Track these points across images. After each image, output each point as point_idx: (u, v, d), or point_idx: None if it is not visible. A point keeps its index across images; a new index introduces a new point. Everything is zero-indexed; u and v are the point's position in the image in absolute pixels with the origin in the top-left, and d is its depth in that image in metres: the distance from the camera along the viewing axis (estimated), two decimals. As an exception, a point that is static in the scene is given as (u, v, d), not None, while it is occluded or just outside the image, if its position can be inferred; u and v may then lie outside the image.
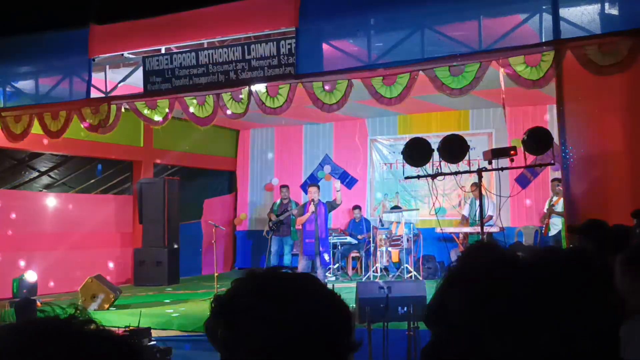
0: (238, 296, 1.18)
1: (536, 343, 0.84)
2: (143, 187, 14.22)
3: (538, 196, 14.13)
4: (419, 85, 8.64)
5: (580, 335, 0.85)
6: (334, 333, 1.16)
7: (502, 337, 0.86)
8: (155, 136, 14.36)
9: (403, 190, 15.30)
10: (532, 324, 0.85)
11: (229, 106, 9.62)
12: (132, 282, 13.97)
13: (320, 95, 8.88)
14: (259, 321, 1.12)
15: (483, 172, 8.43)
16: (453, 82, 8.07)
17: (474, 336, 0.89)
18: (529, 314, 0.85)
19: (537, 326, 0.84)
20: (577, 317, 0.85)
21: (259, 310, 1.14)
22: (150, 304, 10.97)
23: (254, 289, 1.18)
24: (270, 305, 1.13)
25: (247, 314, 1.14)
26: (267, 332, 1.11)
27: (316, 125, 16.23)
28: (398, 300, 8.22)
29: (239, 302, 1.16)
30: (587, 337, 0.85)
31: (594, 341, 0.85)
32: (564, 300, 0.86)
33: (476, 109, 14.68)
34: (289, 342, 1.11)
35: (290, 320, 1.12)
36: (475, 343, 0.88)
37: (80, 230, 13.42)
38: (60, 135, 10.63)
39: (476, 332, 0.88)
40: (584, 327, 0.85)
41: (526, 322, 0.85)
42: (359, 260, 14.56)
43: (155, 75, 9.76)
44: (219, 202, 16.95)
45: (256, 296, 1.16)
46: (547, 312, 0.85)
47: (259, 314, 1.13)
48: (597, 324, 0.86)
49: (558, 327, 0.84)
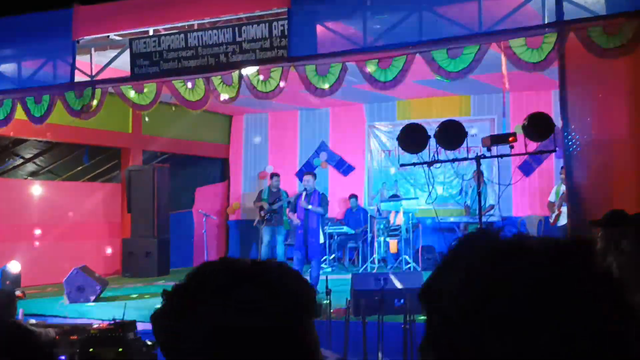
0: (188, 290, 1.17)
1: (536, 343, 0.86)
2: (132, 175, 14.19)
3: (542, 184, 14.10)
4: (419, 69, 8.59)
5: (580, 335, 0.86)
6: (297, 310, 1.15)
7: (502, 337, 0.87)
8: (144, 122, 14.32)
9: (402, 178, 15.28)
10: (532, 324, 0.86)
11: (219, 90, 9.56)
12: (120, 274, 13.97)
13: (313, 79, 8.83)
14: (210, 308, 1.11)
15: (482, 159, 8.38)
16: (450, 65, 8.02)
17: (473, 336, 0.90)
18: (529, 315, 0.87)
19: (538, 326, 0.86)
20: (578, 317, 0.87)
21: (208, 295, 1.12)
22: (138, 296, 10.97)
23: (209, 272, 1.17)
24: (219, 290, 1.12)
25: (197, 299, 1.13)
26: (216, 319, 1.10)
27: (312, 110, 16.19)
28: (394, 293, 8.23)
29: (190, 291, 1.15)
30: (588, 337, 0.86)
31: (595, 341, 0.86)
32: (566, 300, 0.88)
33: (478, 94, 14.64)
34: (236, 329, 1.10)
35: (240, 306, 1.11)
36: (474, 343, 0.90)
37: (67, 219, 13.41)
38: (44, 121, 10.58)
39: (475, 333, 0.90)
40: (584, 327, 0.86)
41: (526, 322, 0.87)
42: (356, 251, 14.56)
43: (142, 58, 9.70)
44: (211, 190, 16.93)
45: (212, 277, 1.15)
46: (548, 313, 0.87)
47: (209, 301, 1.12)
48: (598, 323, 0.87)
49: (558, 327, 0.86)
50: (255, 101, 10.10)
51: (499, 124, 14.35)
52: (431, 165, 8.30)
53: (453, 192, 14.66)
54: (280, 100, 11.59)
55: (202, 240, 11.77)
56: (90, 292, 10.39)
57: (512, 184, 10.48)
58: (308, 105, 15.53)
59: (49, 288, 12.07)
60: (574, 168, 7.67)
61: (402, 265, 12.98)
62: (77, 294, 10.32)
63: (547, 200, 12.95)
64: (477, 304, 0.90)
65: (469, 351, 0.90)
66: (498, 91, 14.00)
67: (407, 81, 8.79)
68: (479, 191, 8.48)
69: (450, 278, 0.96)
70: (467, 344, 0.90)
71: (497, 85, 13.04)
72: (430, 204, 8.72)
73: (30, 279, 12.41)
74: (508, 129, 13.45)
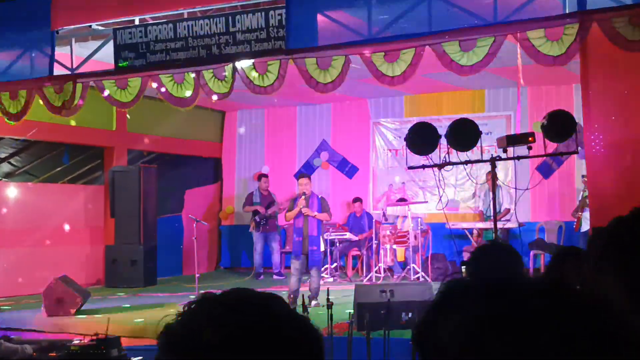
0: (194, 328, 1.19)
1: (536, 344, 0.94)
2: (116, 176, 14.21)
3: (563, 187, 14.11)
4: (427, 62, 8.60)
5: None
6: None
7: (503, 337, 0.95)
8: (130, 119, 14.33)
9: (410, 180, 15.29)
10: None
11: (210, 85, 9.58)
12: (103, 284, 13.98)
13: (314, 73, 8.84)
14: (221, 355, 1.15)
15: (497, 161, 8.40)
16: (463, 59, 8.03)
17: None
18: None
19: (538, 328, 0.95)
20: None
21: (220, 343, 1.16)
22: (123, 309, 10.98)
23: (211, 318, 1.19)
24: (233, 338, 1.17)
25: (207, 348, 1.16)
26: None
27: (312, 106, 16.21)
28: (401, 305, 8.23)
29: (196, 334, 1.18)
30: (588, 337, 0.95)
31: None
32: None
33: (493, 89, 14.65)
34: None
35: (265, 356, 1.16)
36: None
37: (45, 224, 13.41)
38: (21, 118, 10.60)
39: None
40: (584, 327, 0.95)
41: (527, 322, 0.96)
42: (359, 259, 14.58)
43: (127, 50, 9.73)
44: (202, 193, 16.95)
45: (215, 326, 1.18)
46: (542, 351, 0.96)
47: (221, 347, 1.16)
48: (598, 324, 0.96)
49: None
50: (250, 96, 10.12)
51: (516, 120, 14.35)
52: (442, 168, 8.32)
53: (465, 195, 14.68)
54: (278, 95, 11.60)
55: (192, 247, 11.77)
56: (71, 305, 10.39)
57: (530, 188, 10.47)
58: (308, 101, 15.55)
59: (25, 300, 12.08)
60: (597, 171, 7.69)
61: (410, 275, 12.99)
62: (56, 306, 10.33)
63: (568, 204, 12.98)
64: (475, 346, 0.98)
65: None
66: (514, 85, 14.02)
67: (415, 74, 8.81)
68: (494, 195, 8.50)
69: (448, 321, 1.02)
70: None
71: (514, 79, 13.05)
72: (441, 209, 8.73)
73: (5, 290, 12.43)
74: (525, 127, 13.47)
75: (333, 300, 7.77)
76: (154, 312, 10.66)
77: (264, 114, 16.88)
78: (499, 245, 4.30)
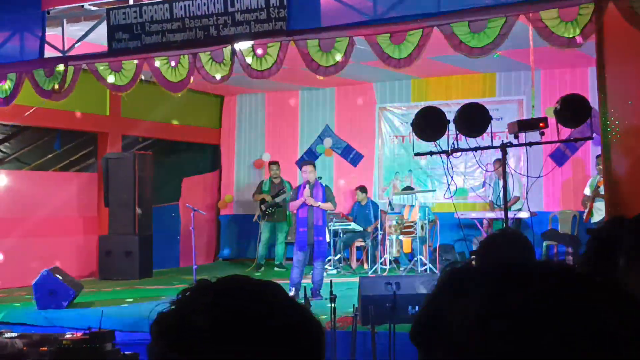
0: (185, 314, 1.19)
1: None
2: (110, 164, 14.20)
3: (577, 175, 14.09)
4: (436, 44, 8.57)
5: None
6: (305, 352, 1.21)
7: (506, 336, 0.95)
8: (124, 103, 14.28)
9: (417, 168, 15.28)
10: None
11: (208, 69, 9.55)
12: (97, 276, 14.01)
13: (316, 55, 8.81)
14: (217, 345, 1.15)
15: (508, 147, 8.38)
16: (473, 40, 7.99)
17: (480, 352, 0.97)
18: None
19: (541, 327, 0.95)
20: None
21: (210, 328, 1.16)
22: (117, 302, 11.00)
23: (208, 305, 1.19)
24: (224, 322, 1.17)
25: (198, 333, 1.17)
26: (227, 356, 1.15)
27: (315, 90, 16.18)
28: (408, 298, 8.23)
29: (187, 319, 1.18)
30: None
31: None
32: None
33: (504, 72, 14.61)
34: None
35: (257, 342, 1.16)
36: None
37: (36, 214, 13.42)
38: (11, 102, 10.59)
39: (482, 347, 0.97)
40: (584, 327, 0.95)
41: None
42: (364, 251, 14.59)
43: (121, 31, 9.70)
44: (200, 181, 16.95)
45: (206, 311, 1.18)
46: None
47: (212, 332, 1.16)
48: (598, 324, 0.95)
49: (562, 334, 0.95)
50: (251, 79, 10.09)
51: (529, 105, 14.30)
52: (450, 155, 8.29)
53: (475, 184, 14.67)
54: (279, 79, 11.56)
55: (190, 238, 11.77)
56: (63, 297, 10.41)
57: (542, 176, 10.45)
58: (310, 85, 15.52)
59: (16, 292, 12.11)
60: (613, 158, 7.66)
61: (417, 267, 13.00)
62: (48, 298, 10.35)
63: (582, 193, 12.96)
64: (488, 321, 0.97)
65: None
66: (527, 68, 13.96)
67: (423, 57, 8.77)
68: (504, 184, 8.48)
69: (459, 303, 1.01)
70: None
71: (526, 61, 13.00)
72: (449, 198, 8.71)
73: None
74: (538, 112, 13.43)
75: (336, 293, 7.77)
76: (149, 305, 10.67)
77: (264, 98, 16.85)
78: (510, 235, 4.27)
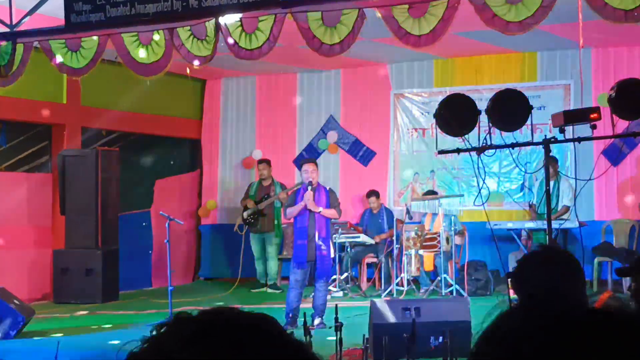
0: (164, 351, 1.22)
1: None
2: (67, 162, 14.22)
3: (636, 177, 14.09)
4: (464, 17, 8.61)
5: None
6: None
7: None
8: (85, 89, 14.31)
9: (441, 168, 15.29)
10: None
11: (188, 47, 9.59)
12: (52, 299, 14.02)
13: (318, 31, 8.84)
14: None
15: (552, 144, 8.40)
16: (509, 13, 8.03)
17: None
18: None
19: None
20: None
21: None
22: (76, 330, 11.02)
23: (187, 344, 1.22)
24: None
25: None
26: None
27: (316, 73, 16.19)
28: (430, 327, 8.26)
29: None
30: None
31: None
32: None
33: (547, 51, 14.61)
34: None
35: None
36: None
37: (-23, 223, 13.47)
38: (-53, 88, 10.65)
39: None
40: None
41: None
42: (376, 268, 14.60)
43: (81, 2, 9.73)
44: (177, 183, 16.97)
45: (191, 356, 1.21)
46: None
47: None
48: None
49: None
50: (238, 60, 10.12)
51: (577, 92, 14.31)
52: (482, 152, 8.32)
53: (512, 187, 14.68)
54: (273, 60, 11.58)
55: (165, 252, 11.77)
56: (11, 325, 10.44)
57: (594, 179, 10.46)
58: (311, 66, 15.53)
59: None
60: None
61: (441, 288, 13.01)
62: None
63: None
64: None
65: None
66: (575, 46, 13.97)
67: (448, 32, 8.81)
68: (547, 188, 8.49)
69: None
70: None
71: (575, 38, 13.03)
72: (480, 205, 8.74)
73: None
74: (589, 100, 13.45)
75: (343, 320, 7.79)
76: (115, 334, 10.70)
77: (255, 82, 16.85)
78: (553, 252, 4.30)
